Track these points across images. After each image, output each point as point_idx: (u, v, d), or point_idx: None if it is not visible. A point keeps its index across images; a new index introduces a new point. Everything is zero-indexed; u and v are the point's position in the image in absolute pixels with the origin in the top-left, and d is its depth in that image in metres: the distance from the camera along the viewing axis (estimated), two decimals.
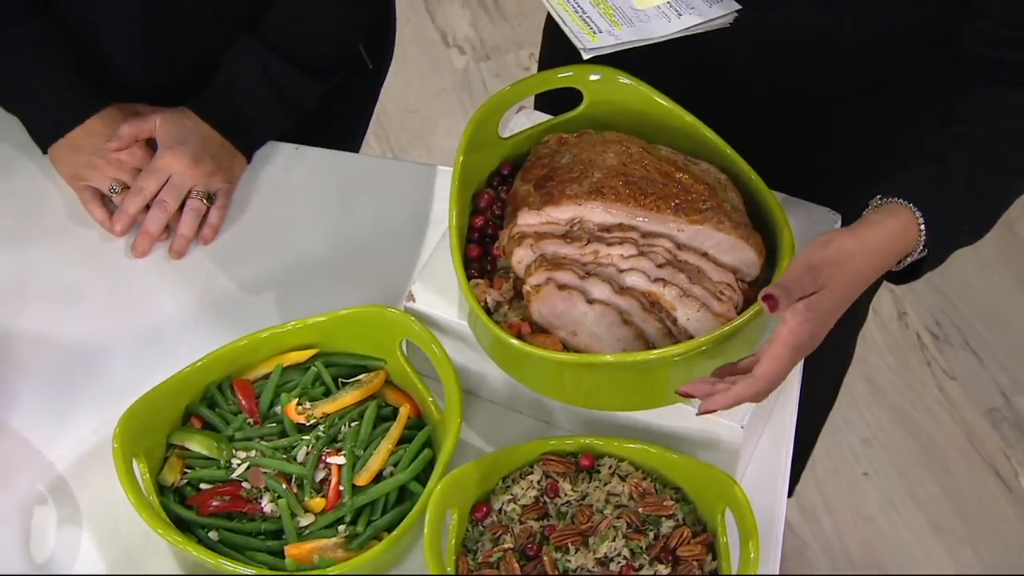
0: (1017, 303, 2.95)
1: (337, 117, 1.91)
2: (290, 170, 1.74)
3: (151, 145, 1.69)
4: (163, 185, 1.64)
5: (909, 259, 1.32)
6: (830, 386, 2.12)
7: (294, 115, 1.73)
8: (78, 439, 1.50)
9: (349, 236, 1.68)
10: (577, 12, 1.42)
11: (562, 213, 1.40)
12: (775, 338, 1.25)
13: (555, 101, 1.57)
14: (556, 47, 1.82)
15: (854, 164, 1.65)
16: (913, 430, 2.76)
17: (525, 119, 1.58)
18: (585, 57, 1.42)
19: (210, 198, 1.66)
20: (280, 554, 1.37)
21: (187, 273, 1.64)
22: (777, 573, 1.42)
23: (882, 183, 1.33)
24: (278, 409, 1.47)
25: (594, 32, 1.41)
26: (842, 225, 1.54)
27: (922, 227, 1.30)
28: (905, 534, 2.62)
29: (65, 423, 1.51)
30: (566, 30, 1.43)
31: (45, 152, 1.69)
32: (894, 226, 1.30)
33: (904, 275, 1.37)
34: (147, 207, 1.65)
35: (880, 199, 1.32)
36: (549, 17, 1.83)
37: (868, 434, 2.74)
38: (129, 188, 1.66)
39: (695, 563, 1.36)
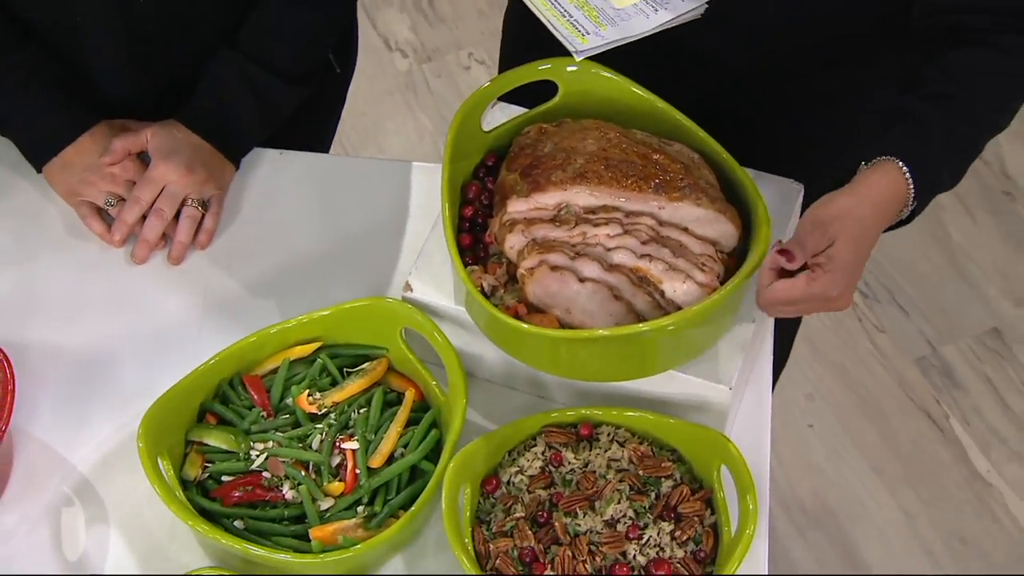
0: (935, 259, 2.98)
1: (309, 120, 1.88)
2: (276, 174, 1.72)
3: (142, 158, 1.66)
4: (158, 195, 1.61)
5: (906, 210, 1.34)
6: (784, 346, 2.13)
7: (276, 121, 1.71)
8: (98, 442, 1.48)
9: (336, 233, 1.66)
10: (564, 16, 1.42)
11: (549, 199, 1.39)
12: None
13: (519, 93, 1.56)
14: (516, 41, 1.81)
15: (810, 134, 1.65)
16: (851, 383, 2.79)
17: (500, 113, 1.56)
18: (578, 59, 1.42)
19: (204, 205, 1.63)
20: (304, 537, 1.36)
21: (187, 278, 1.62)
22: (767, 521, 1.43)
23: (864, 150, 1.34)
24: (289, 401, 1.45)
25: (582, 34, 1.40)
26: (805, 193, 1.54)
27: (908, 178, 1.31)
28: (850, 479, 2.65)
29: (84, 428, 1.49)
30: (556, 34, 1.42)
31: (39, 171, 1.66)
32: (884, 180, 1.31)
33: (895, 223, 1.38)
34: (143, 217, 1.62)
35: (865, 164, 1.33)
36: (508, 12, 1.82)
37: (811, 389, 2.76)
38: (124, 200, 1.63)
39: (696, 519, 1.36)
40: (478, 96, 1.47)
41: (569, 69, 1.48)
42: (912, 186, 1.31)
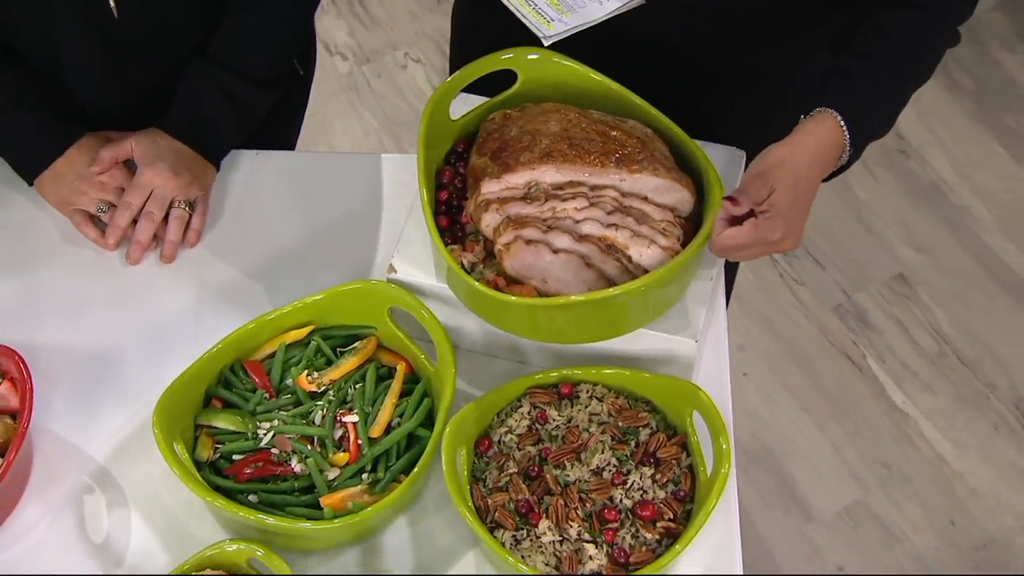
0: (843, 216, 3.02)
1: (277, 120, 1.86)
2: (254, 173, 1.69)
3: (128, 166, 1.63)
4: (147, 199, 1.59)
5: (845, 156, 1.37)
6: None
7: (250, 123, 1.68)
8: (110, 433, 1.46)
9: (315, 223, 1.65)
10: (530, 4, 1.41)
11: (519, 178, 1.39)
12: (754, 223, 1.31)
13: (475, 82, 1.55)
14: (465, 32, 1.80)
15: (745, 106, 1.66)
16: (777, 332, 2.81)
17: (462, 102, 1.55)
18: (546, 44, 1.41)
19: (191, 206, 1.61)
20: (314, 506, 1.35)
21: (180, 275, 1.59)
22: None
23: (798, 110, 1.37)
24: (289, 382, 1.43)
25: (548, 20, 1.40)
26: (747, 161, 1.55)
27: (843, 125, 1.34)
28: (783, 420, 2.68)
29: (96, 421, 1.47)
30: (525, 21, 1.41)
31: (31, 184, 1.62)
32: (819, 127, 1.35)
33: (835, 171, 1.41)
34: (135, 221, 1.59)
35: (803, 117, 1.35)
36: (456, 6, 1.81)
37: (742, 341, 2.79)
38: (114, 207, 1.60)
39: (674, 462, 1.37)
40: (447, 86, 1.46)
41: (530, 57, 1.47)
42: (847, 133, 1.34)
